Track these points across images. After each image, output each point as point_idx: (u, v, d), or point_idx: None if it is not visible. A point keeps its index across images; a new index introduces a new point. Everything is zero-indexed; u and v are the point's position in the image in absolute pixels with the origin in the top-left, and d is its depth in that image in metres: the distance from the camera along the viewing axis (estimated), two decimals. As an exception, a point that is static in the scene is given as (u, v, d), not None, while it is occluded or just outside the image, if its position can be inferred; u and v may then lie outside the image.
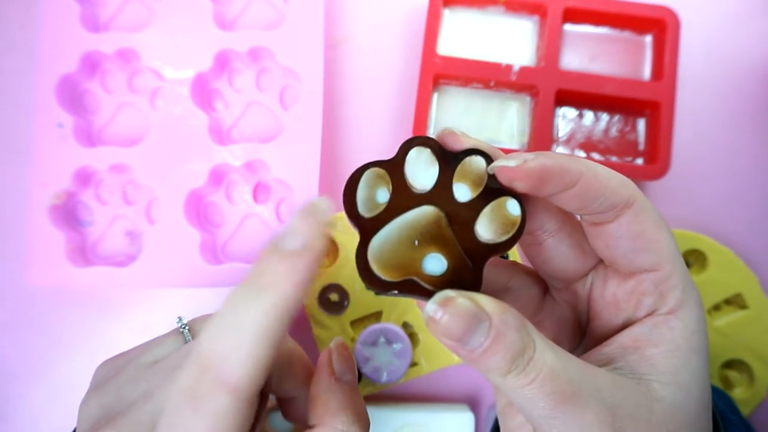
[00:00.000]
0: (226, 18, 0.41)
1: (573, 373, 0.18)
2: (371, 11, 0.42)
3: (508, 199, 0.20)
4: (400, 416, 0.36)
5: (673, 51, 0.37)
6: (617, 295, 0.21)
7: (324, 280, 0.38)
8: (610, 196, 0.20)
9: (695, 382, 0.20)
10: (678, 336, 0.20)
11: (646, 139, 0.38)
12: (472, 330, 0.18)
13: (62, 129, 0.39)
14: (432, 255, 0.21)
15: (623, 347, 0.20)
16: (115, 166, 0.39)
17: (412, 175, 0.21)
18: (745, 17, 0.41)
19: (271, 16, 0.42)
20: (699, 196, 0.40)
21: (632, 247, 0.20)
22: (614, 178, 0.20)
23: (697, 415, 0.20)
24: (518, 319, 0.19)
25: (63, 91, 0.40)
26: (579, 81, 0.37)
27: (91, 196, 0.40)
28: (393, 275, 0.20)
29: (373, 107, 0.41)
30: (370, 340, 0.36)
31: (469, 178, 0.21)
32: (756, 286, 0.37)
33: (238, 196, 0.40)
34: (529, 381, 0.18)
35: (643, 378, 0.19)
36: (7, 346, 0.40)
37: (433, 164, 0.21)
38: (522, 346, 0.18)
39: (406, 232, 0.21)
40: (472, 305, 0.19)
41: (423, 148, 0.21)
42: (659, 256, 0.20)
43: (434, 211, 0.21)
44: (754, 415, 0.37)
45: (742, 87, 0.41)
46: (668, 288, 0.20)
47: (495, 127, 0.38)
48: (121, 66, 0.41)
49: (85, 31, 0.40)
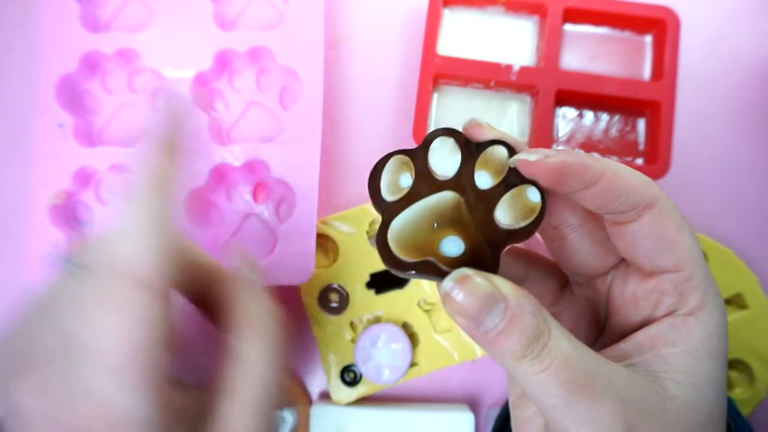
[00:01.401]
0: (226, 18, 0.41)
1: (588, 363, 0.18)
2: (371, 11, 0.42)
3: (528, 187, 0.21)
4: (400, 416, 0.36)
5: (673, 51, 0.37)
6: (637, 293, 0.21)
7: (324, 280, 0.38)
8: (632, 196, 0.20)
9: (710, 384, 0.19)
10: (696, 337, 0.20)
11: (646, 139, 0.38)
12: (487, 310, 0.18)
13: (62, 129, 0.39)
14: (450, 238, 0.21)
15: (640, 345, 0.20)
16: (115, 166, 0.39)
17: (435, 162, 0.22)
18: (745, 17, 0.41)
19: (271, 16, 0.42)
20: (699, 196, 0.40)
21: (654, 248, 0.20)
22: (636, 178, 0.20)
23: (709, 417, 0.19)
24: (534, 304, 0.19)
25: (63, 91, 0.40)
26: (579, 81, 0.37)
27: (92, 195, 0.40)
28: (411, 255, 0.21)
29: (373, 107, 0.41)
30: (370, 340, 0.36)
31: (490, 166, 0.21)
32: (756, 286, 0.37)
33: (238, 196, 0.40)
34: (544, 367, 0.18)
35: (658, 376, 0.19)
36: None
37: (455, 152, 0.22)
38: (537, 331, 0.18)
39: (427, 215, 0.21)
40: (488, 285, 0.19)
41: (447, 138, 0.22)
42: (681, 257, 0.20)
43: (455, 196, 0.21)
44: (754, 415, 0.37)
45: (743, 87, 0.41)
46: (689, 289, 0.20)
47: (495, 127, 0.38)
48: (121, 66, 0.41)
49: (85, 30, 0.40)
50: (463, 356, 0.37)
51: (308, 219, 0.36)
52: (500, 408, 0.34)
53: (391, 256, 0.21)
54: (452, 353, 0.37)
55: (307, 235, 0.36)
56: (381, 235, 0.21)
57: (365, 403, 0.37)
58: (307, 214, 0.36)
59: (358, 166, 0.41)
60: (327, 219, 0.38)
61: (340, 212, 0.38)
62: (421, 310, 0.37)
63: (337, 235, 0.38)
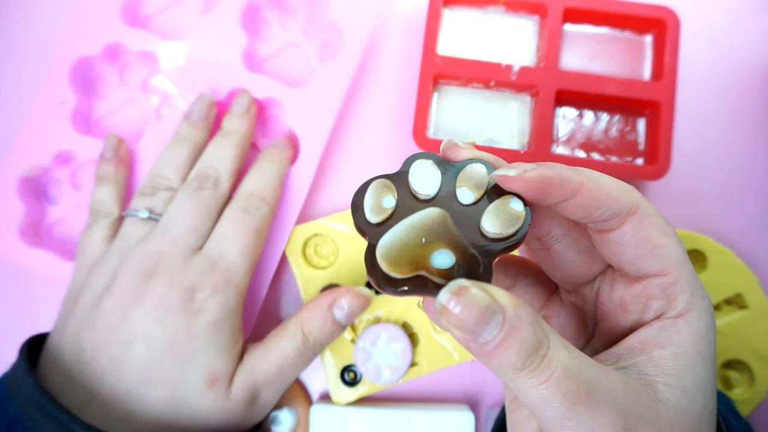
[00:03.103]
0: (256, 56, 0.41)
1: (588, 372, 0.18)
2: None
3: (510, 197, 0.21)
4: (400, 416, 0.36)
5: (673, 51, 0.37)
6: (625, 298, 0.21)
7: (324, 280, 0.38)
8: (612, 205, 0.20)
9: (699, 387, 0.19)
10: (685, 339, 0.20)
11: (646, 139, 0.38)
12: (485, 322, 0.18)
13: (62, 107, 0.39)
14: (440, 251, 0.21)
15: (631, 349, 0.20)
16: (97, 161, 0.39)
17: (416, 183, 0.22)
18: (746, 17, 0.41)
19: (300, 70, 0.41)
20: (699, 196, 0.40)
21: (638, 254, 0.20)
22: (617, 186, 0.20)
23: (700, 420, 0.19)
24: (532, 314, 0.18)
25: (78, 71, 0.39)
26: (579, 81, 0.37)
27: (67, 176, 0.40)
28: (402, 272, 0.20)
29: (373, 107, 0.41)
30: (370, 340, 0.36)
31: (471, 182, 0.22)
32: (756, 286, 0.37)
33: None
34: (544, 379, 0.17)
35: (649, 380, 0.19)
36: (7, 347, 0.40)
37: (435, 173, 0.22)
38: (536, 342, 0.18)
39: (414, 231, 0.21)
40: (485, 296, 0.18)
41: (425, 160, 0.22)
42: (665, 262, 0.20)
43: (440, 212, 0.21)
44: (754, 415, 0.37)
45: (743, 87, 0.41)
46: (676, 292, 0.20)
47: (495, 127, 0.38)
48: (143, 64, 0.41)
49: (122, 22, 0.39)
50: (463, 356, 0.37)
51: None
52: (500, 408, 0.34)
53: (382, 275, 0.20)
54: (452, 353, 0.37)
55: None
56: (369, 256, 0.21)
57: (365, 403, 0.37)
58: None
59: (358, 166, 0.41)
60: (327, 219, 0.38)
61: (339, 212, 0.38)
62: (421, 310, 0.37)
63: (337, 235, 0.38)
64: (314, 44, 0.41)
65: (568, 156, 0.37)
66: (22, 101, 0.41)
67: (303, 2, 0.40)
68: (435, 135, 0.38)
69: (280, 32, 0.41)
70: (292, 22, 0.41)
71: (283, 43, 0.41)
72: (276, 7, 0.41)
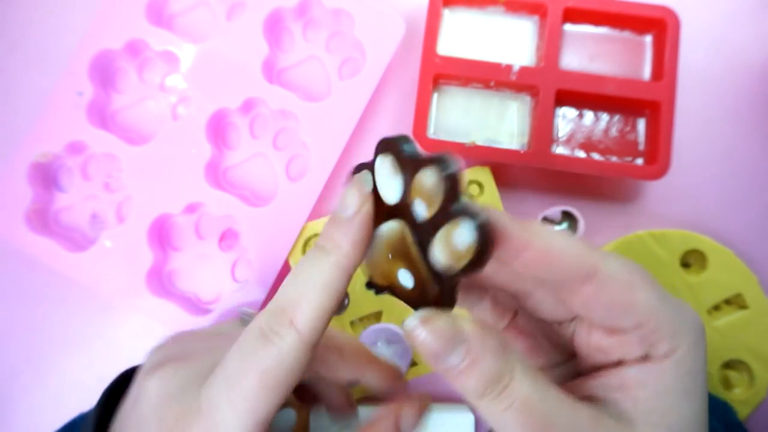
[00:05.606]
0: (275, 66, 0.41)
1: (550, 405, 0.18)
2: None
3: (460, 223, 0.17)
4: (400, 416, 0.36)
5: (673, 51, 0.37)
6: (603, 344, 0.21)
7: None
8: (564, 270, 0.19)
9: (686, 425, 0.19)
10: (669, 377, 0.19)
11: (646, 139, 0.38)
12: (449, 350, 0.18)
13: (80, 98, 0.39)
14: (402, 270, 0.20)
15: (609, 385, 0.20)
16: (109, 155, 0.39)
17: (380, 184, 0.20)
18: (745, 17, 0.41)
19: (320, 85, 0.41)
20: (699, 196, 0.40)
21: (607, 315, 0.20)
22: (570, 250, 0.19)
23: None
24: (497, 346, 0.18)
25: (98, 63, 0.40)
26: (579, 81, 0.37)
27: (78, 165, 0.40)
28: (379, 280, 0.21)
29: (373, 107, 0.41)
30: (370, 340, 0.36)
31: (423, 194, 0.18)
32: (756, 286, 0.37)
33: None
34: (503, 408, 0.18)
35: (629, 418, 0.19)
36: (8, 346, 0.40)
37: (396, 174, 0.19)
38: (498, 373, 0.18)
39: (381, 245, 0.21)
40: (451, 327, 0.18)
41: (386, 156, 0.19)
42: (639, 316, 0.19)
43: (399, 228, 0.20)
44: (754, 415, 0.37)
45: (743, 87, 0.41)
46: (657, 338, 0.19)
47: (495, 127, 0.38)
48: (163, 63, 0.41)
49: (146, 20, 0.40)
50: (463, 356, 0.37)
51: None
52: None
53: (368, 278, 0.21)
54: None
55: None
56: None
57: (365, 403, 0.37)
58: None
59: (356, 164, 0.41)
60: (327, 219, 0.38)
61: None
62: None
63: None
64: (336, 60, 0.41)
65: (568, 156, 0.37)
66: (22, 101, 0.41)
67: (329, 17, 0.40)
68: (435, 135, 0.38)
69: (302, 44, 0.41)
70: (315, 35, 0.41)
71: (304, 55, 0.41)
72: (301, 18, 0.41)
